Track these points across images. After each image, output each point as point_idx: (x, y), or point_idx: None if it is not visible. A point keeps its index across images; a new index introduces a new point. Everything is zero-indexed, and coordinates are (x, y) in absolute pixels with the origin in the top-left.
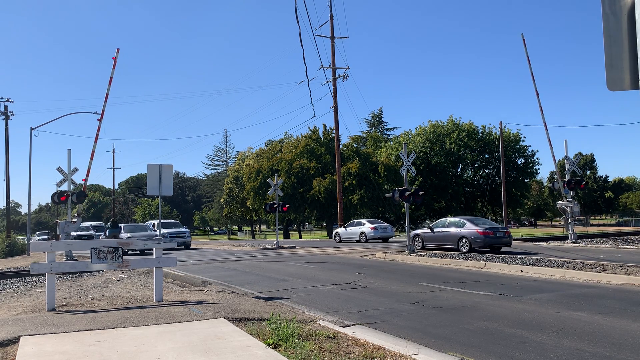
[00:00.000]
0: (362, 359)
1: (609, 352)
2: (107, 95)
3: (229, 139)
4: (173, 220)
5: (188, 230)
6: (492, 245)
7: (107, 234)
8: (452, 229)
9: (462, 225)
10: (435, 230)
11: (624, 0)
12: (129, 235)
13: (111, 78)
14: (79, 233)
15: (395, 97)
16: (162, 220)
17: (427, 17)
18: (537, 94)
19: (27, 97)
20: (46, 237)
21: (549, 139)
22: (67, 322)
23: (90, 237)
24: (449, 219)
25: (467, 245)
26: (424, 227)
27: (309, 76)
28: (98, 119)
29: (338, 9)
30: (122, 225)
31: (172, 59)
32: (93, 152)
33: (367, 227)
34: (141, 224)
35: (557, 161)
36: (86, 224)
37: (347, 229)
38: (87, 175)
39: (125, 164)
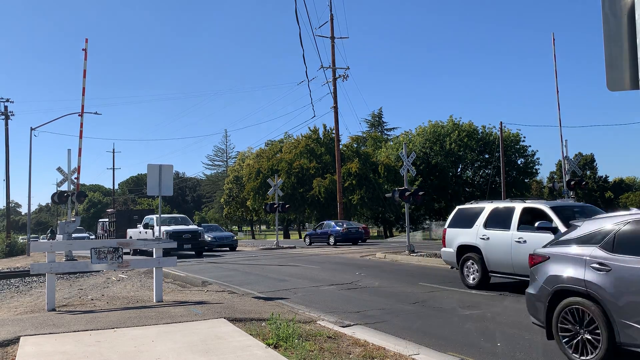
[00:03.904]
0: (362, 359)
1: None
2: (83, 89)
3: (229, 139)
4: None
5: None
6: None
7: None
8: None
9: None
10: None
11: (624, 0)
12: None
13: (84, 70)
14: (174, 228)
15: (395, 97)
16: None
17: (427, 17)
18: (557, 92)
19: (27, 97)
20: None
21: (561, 137)
22: (67, 322)
23: (195, 233)
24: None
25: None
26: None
27: (309, 76)
28: (79, 114)
29: (338, 9)
30: None
31: (173, 59)
32: (80, 149)
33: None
34: None
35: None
36: (166, 215)
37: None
38: (78, 172)
39: (125, 164)
